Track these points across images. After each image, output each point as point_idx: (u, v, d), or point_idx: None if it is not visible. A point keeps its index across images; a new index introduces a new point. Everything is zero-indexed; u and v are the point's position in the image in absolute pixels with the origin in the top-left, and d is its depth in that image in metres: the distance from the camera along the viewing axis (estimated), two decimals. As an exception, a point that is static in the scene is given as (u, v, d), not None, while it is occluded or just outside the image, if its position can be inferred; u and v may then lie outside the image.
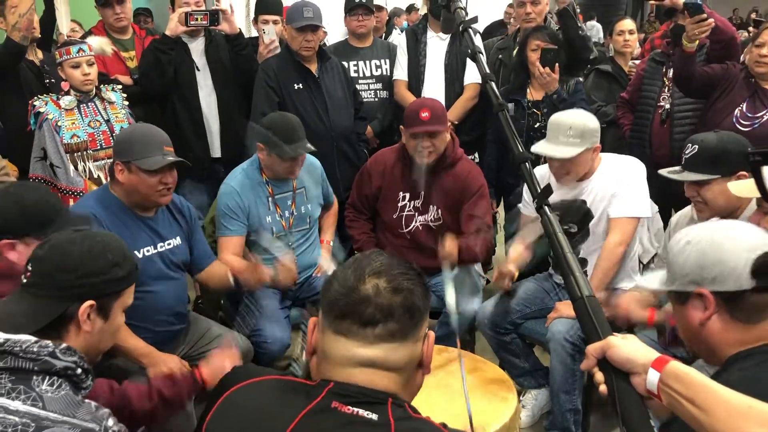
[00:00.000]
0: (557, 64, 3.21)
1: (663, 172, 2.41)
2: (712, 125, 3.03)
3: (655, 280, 1.51)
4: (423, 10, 7.02)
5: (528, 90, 3.40)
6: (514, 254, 2.83)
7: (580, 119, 2.59)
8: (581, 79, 3.66)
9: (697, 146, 2.29)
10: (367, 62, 3.82)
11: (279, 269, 2.55)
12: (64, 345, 1.26)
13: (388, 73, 3.82)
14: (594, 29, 9.26)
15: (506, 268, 2.67)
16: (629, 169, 2.70)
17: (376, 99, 3.83)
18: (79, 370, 1.26)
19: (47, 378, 1.22)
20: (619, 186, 2.63)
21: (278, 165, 2.76)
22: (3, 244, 1.73)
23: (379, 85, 3.83)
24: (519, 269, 2.79)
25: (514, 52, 3.69)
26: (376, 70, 3.83)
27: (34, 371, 1.21)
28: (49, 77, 3.41)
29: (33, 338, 1.24)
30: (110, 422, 1.21)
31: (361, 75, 3.81)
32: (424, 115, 2.82)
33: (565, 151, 2.55)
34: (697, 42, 3.11)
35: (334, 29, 5.25)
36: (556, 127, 2.60)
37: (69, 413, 1.19)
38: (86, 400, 1.25)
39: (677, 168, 2.37)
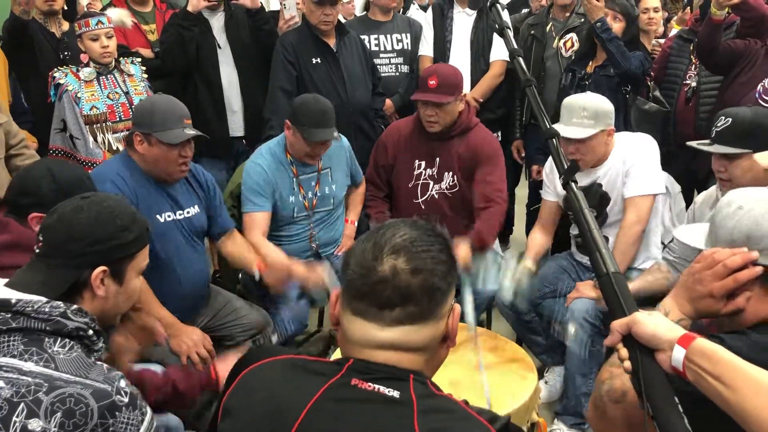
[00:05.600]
0: None
1: (693, 143, 2.35)
2: (734, 101, 2.99)
3: (694, 236, 1.46)
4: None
5: (590, 63, 3.34)
6: (533, 247, 2.80)
7: (594, 101, 2.55)
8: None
9: (731, 119, 2.22)
10: (389, 36, 3.78)
11: (311, 278, 2.52)
12: (75, 306, 1.27)
13: (409, 48, 3.78)
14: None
15: (523, 269, 2.64)
16: (640, 146, 2.65)
17: (398, 73, 3.79)
18: (90, 332, 1.27)
19: (59, 340, 1.23)
20: (631, 165, 2.59)
21: (301, 146, 2.73)
22: (32, 218, 1.76)
23: (400, 60, 3.79)
24: (537, 265, 2.77)
25: (547, 27, 3.63)
26: (397, 44, 3.79)
27: (46, 332, 1.22)
28: (67, 50, 3.40)
29: (44, 299, 1.25)
30: (122, 383, 1.21)
31: (382, 49, 3.77)
32: (432, 83, 2.76)
33: (578, 131, 2.51)
34: (726, 10, 3.04)
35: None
36: (570, 109, 2.56)
37: (81, 374, 1.19)
38: (98, 362, 1.25)
39: (707, 141, 2.31)
